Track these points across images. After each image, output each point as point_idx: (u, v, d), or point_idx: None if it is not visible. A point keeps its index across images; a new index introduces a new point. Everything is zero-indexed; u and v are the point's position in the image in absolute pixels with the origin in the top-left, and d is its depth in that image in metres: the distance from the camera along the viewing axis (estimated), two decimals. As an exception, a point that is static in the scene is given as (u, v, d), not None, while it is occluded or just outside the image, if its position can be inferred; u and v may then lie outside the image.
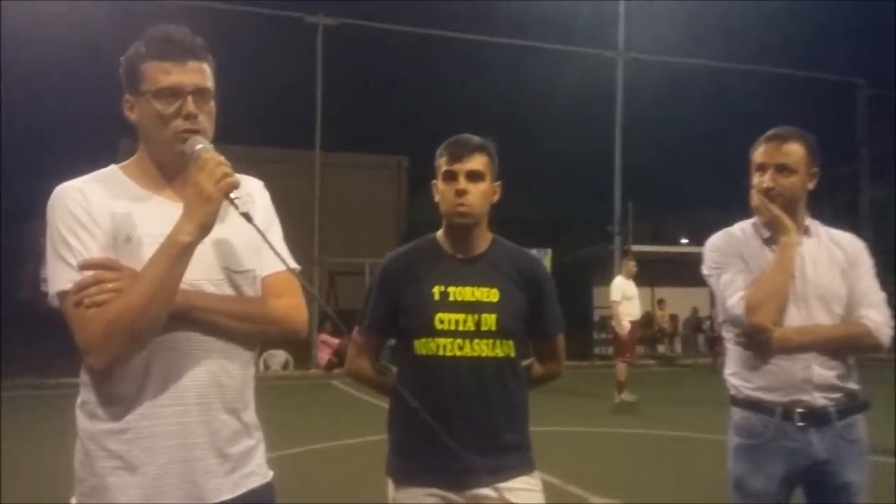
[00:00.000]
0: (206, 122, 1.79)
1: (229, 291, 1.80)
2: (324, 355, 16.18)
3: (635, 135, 19.93)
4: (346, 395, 11.82)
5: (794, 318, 2.64)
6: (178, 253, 1.65)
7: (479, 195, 2.42)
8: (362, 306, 2.59)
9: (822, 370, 2.62)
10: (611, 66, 18.98)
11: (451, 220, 2.48)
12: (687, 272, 20.10)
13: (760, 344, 2.63)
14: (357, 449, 7.56)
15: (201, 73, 1.78)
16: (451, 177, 2.43)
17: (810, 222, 2.75)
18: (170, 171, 1.81)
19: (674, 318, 21.15)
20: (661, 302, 20.20)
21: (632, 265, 11.44)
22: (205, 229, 1.69)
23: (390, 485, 2.49)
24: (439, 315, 2.40)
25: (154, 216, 1.75)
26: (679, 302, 20.70)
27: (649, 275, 11.95)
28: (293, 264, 1.88)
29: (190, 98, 1.75)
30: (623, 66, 18.88)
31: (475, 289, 2.43)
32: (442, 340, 2.39)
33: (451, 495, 2.38)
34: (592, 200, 24.36)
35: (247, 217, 1.73)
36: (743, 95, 26.80)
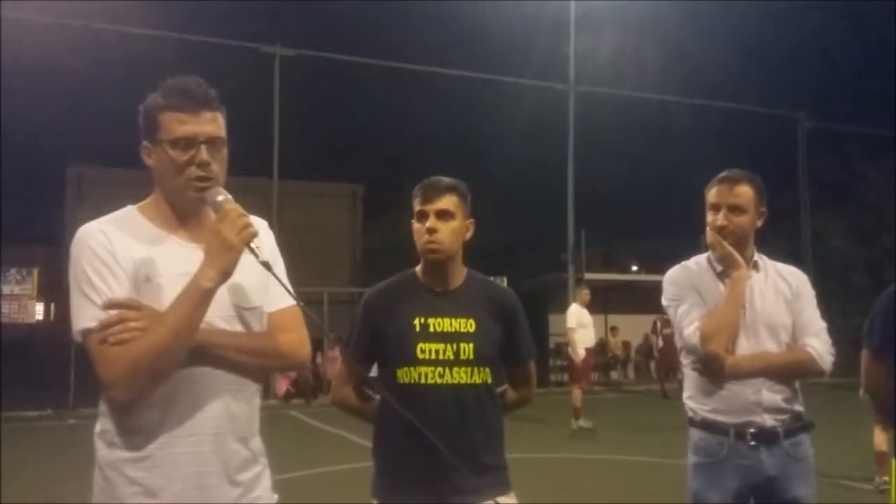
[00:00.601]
0: (219, 169, 1.90)
1: (239, 327, 1.91)
2: (282, 385, 16.13)
3: (586, 164, 20.40)
4: (305, 424, 11.86)
5: (745, 347, 2.87)
6: (200, 297, 1.77)
7: (449, 233, 2.60)
8: (346, 338, 2.74)
9: (771, 394, 2.84)
10: (563, 99, 19.45)
11: (424, 257, 2.66)
12: (639, 299, 20.57)
13: (714, 370, 2.86)
14: (324, 478, 7.62)
15: (215, 124, 1.89)
16: (422, 216, 2.62)
17: (758, 257, 3.00)
18: (183, 214, 1.92)
19: (626, 344, 21.51)
20: (613, 329, 20.55)
21: (586, 293, 11.63)
22: (226, 276, 1.81)
23: (375, 505, 2.63)
24: (420, 345, 2.57)
25: (171, 257, 1.86)
26: (631, 328, 21.07)
27: (602, 302, 12.27)
28: (293, 301, 2.01)
29: (203, 147, 1.86)
30: (574, 98, 19.35)
31: (453, 320, 2.61)
32: (423, 369, 2.56)
33: None
34: (545, 228, 24.78)
35: (266, 266, 1.87)
36: (690, 127, 27.62)
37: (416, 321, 2.59)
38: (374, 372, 2.81)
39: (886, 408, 3.14)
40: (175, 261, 1.86)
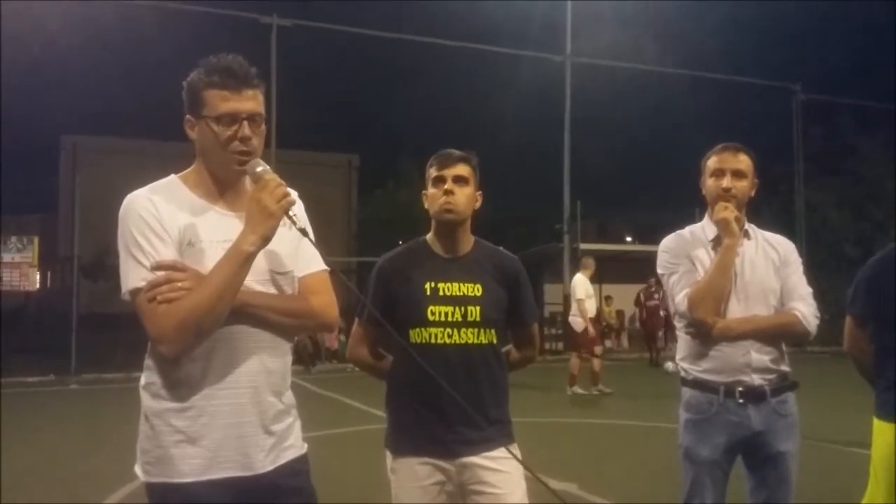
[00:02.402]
0: (258, 143, 2.02)
1: (272, 290, 2.05)
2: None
3: (582, 136, 20.50)
4: (305, 389, 12.05)
5: (735, 311, 3.05)
6: (242, 260, 1.91)
7: (464, 197, 2.78)
8: (360, 301, 2.91)
9: (759, 355, 3.02)
10: (559, 70, 19.49)
11: (439, 218, 2.81)
12: (633, 269, 20.77)
13: (703, 334, 3.04)
14: (327, 440, 7.83)
15: (255, 101, 2.01)
16: (440, 181, 2.78)
17: (749, 226, 3.17)
18: (224, 185, 2.06)
19: (620, 313, 21.78)
20: (608, 298, 20.77)
21: (592, 263, 11.74)
22: (266, 241, 1.94)
23: (388, 456, 2.81)
24: (431, 308, 2.74)
25: (212, 225, 2.00)
26: (625, 298, 21.32)
27: (597, 272, 12.47)
28: (324, 266, 2.17)
29: (245, 123, 1.98)
30: (571, 69, 19.39)
31: (461, 284, 2.78)
32: (433, 330, 2.73)
33: (443, 463, 2.71)
34: (539, 199, 24.92)
35: (303, 232, 2.03)
36: (684, 100, 27.69)
37: (427, 285, 2.76)
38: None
39: (867, 371, 3.32)
40: (216, 229, 1.99)
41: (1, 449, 7.15)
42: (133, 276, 1.92)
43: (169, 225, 1.96)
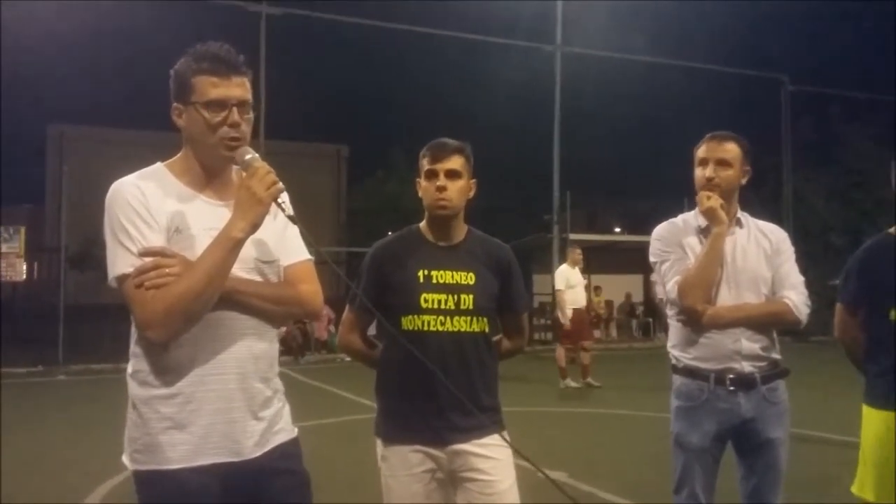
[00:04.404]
0: (247, 129, 2.03)
1: (258, 278, 2.06)
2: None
3: (572, 126, 20.49)
4: (294, 380, 12.04)
5: (726, 299, 3.06)
6: (231, 246, 1.92)
7: (457, 191, 2.77)
8: (352, 288, 2.89)
9: (749, 343, 3.03)
10: (549, 60, 19.46)
11: (432, 213, 2.81)
12: (622, 259, 20.85)
13: (693, 322, 3.05)
14: (318, 430, 7.83)
15: (244, 87, 2.02)
16: (432, 175, 2.77)
17: (741, 215, 3.17)
18: (211, 173, 2.06)
19: (609, 303, 21.85)
20: (597, 289, 20.83)
21: (577, 254, 11.57)
22: (255, 228, 1.95)
23: (379, 444, 2.81)
24: (424, 295, 2.73)
25: (200, 213, 2.01)
26: (614, 288, 21.41)
27: (586, 262, 12.52)
28: (309, 255, 2.18)
29: (234, 109, 1.99)
30: (561, 59, 19.37)
31: (454, 272, 2.77)
32: (426, 317, 2.73)
33: (434, 450, 2.70)
34: (530, 189, 24.90)
35: (292, 219, 2.05)
36: (674, 90, 27.71)
37: (421, 273, 2.75)
38: (371, 330, 2.98)
39: (857, 359, 3.33)
40: (204, 216, 2.00)
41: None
42: (121, 263, 1.92)
43: (157, 211, 1.96)
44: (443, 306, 2.73)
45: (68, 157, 27.60)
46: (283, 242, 2.13)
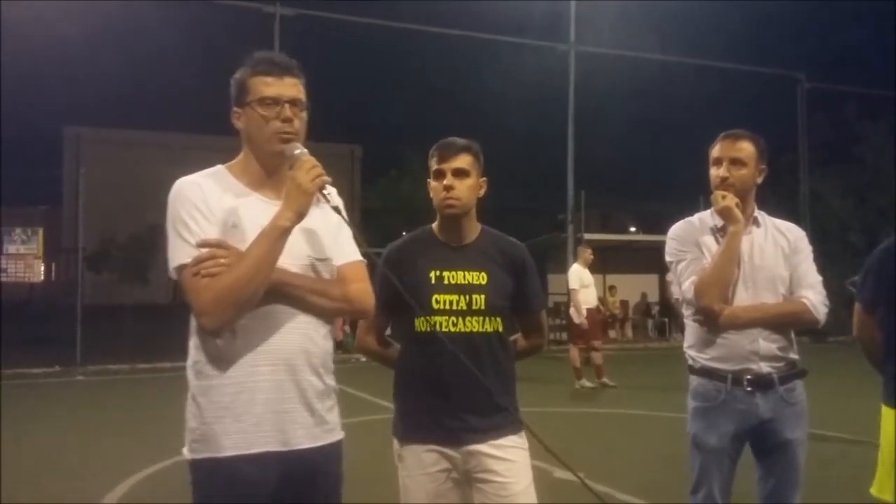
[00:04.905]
0: (300, 127, 2.15)
1: (310, 274, 2.15)
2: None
3: (586, 125, 20.42)
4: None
5: (743, 298, 3.03)
6: (278, 234, 2.01)
7: (465, 190, 2.75)
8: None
9: (767, 343, 3.01)
10: (563, 59, 19.41)
11: (441, 212, 2.81)
12: (637, 259, 20.75)
13: (710, 321, 3.02)
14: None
15: (296, 88, 2.15)
16: (440, 175, 2.77)
17: (758, 213, 3.15)
18: (268, 171, 2.16)
19: (624, 303, 21.75)
20: (612, 288, 20.75)
21: (588, 253, 11.59)
22: (300, 216, 2.05)
23: (395, 443, 2.81)
24: (435, 296, 2.72)
25: (255, 209, 2.10)
26: (629, 288, 21.30)
27: (601, 262, 12.48)
28: (361, 257, 2.28)
29: (287, 105, 2.11)
30: (575, 58, 19.31)
31: (466, 273, 2.76)
32: (438, 318, 2.72)
33: (449, 451, 2.70)
34: (544, 189, 24.88)
35: (337, 210, 2.14)
36: (689, 89, 27.57)
37: (432, 274, 2.75)
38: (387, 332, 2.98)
39: (876, 358, 3.30)
40: (258, 213, 2.09)
41: (2, 441, 7.15)
42: (180, 253, 2.03)
43: (214, 206, 2.07)
44: (454, 307, 2.72)
45: (85, 158, 27.75)
46: (336, 243, 2.23)
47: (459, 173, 2.74)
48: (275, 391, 2.06)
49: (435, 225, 2.88)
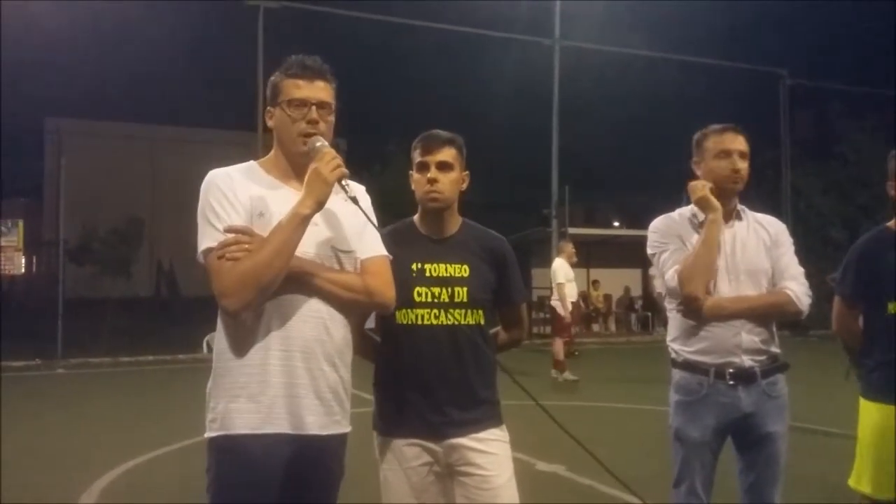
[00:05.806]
0: (326, 129, 2.26)
1: (333, 265, 2.25)
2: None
3: (571, 120, 20.45)
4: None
5: (726, 291, 3.04)
6: (298, 221, 2.11)
7: (449, 183, 2.75)
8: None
9: (750, 336, 3.02)
10: (548, 54, 19.42)
11: (424, 205, 2.80)
12: (620, 254, 20.85)
13: (694, 311, 3.03)
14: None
15: (326, 91, 2.28)
16: (423, 167, 2.75)
17: (740, 207, 3.16)
18: (296, 167, 2.27)
19: (608, 297, 21.86)
20: (595, 282, 20.86)
21: (571, 248, 11.73)
22: (320, 205, 2.15)
23: (376, 437, 2.80)
24: (417, 289, 2.71)
25: (281, 199, 2.20)
26: (613, 282, 21.41)
27: (584, 256, 12.52)
28: (385, 252, 2.36)
29: (314, 108, 2.24)
30: (559, 53, 19.33)
31: (448, 265, 2.75)
32: (420, 311, 2.71)
33: (430, 444, 2.69)
34: (528, 184, 24.89)
35: (354, 200, 2.24)
36: (672, 84, 27.68)
37: (414, 266, 2.74)
38: (370, 323, 2.96)
39: (854, 352, 3.33)
40: (284, 203, 2.18)
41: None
42: (207, 238, 2.14)
43: (242, 196, 2.18)
44: (436, 299, 2.71)
45: (66, 150, 27.48)
46: (361, 237, 2.31)
47: (443, 166, 2.74)
48: (288, 376, 2.15)
49: (416, 217, 2.87)
